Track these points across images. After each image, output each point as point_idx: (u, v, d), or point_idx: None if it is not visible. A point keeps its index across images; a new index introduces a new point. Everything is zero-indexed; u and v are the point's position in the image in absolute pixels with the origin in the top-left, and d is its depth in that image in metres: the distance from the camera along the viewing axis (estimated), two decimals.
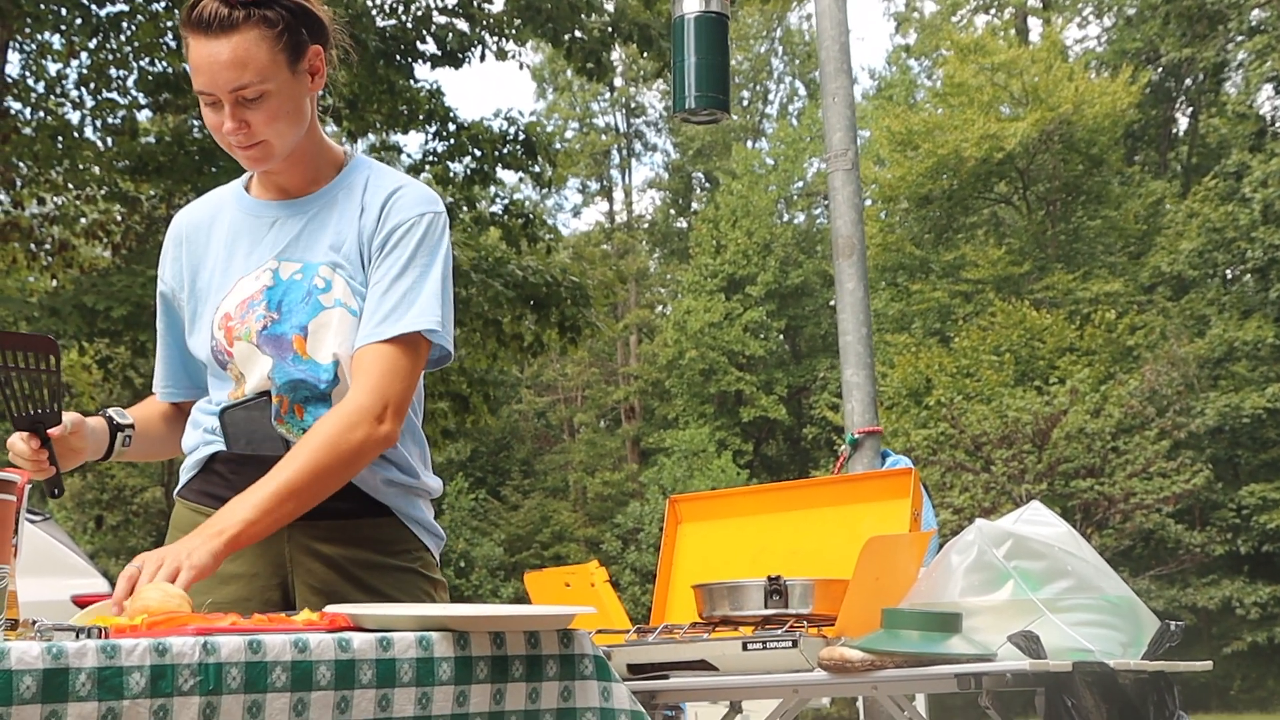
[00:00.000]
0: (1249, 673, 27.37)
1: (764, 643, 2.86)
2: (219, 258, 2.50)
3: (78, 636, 1.60)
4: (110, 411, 2.53)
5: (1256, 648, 26.60)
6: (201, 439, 2.50)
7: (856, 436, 5.91)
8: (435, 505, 2.61)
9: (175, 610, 1.83)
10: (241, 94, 2.32)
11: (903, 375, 27.62)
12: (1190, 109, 34.31)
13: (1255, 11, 28.49)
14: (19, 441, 2.29)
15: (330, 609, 1.87)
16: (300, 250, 2.45)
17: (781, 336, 39.08)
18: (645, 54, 13.61)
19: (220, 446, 2.46)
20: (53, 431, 2.30)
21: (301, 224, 2.46)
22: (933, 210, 32.40)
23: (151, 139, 13.46)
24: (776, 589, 3.04)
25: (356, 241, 2.43)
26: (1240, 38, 29.38)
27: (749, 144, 42.40)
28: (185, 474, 2.54)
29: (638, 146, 45.31)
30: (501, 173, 14.35)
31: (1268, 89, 29.73)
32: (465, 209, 14.22)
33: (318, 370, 2.39)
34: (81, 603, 6.04)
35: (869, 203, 32.68)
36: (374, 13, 13.00)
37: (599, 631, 3.22)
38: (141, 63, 12.99)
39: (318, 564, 2.42)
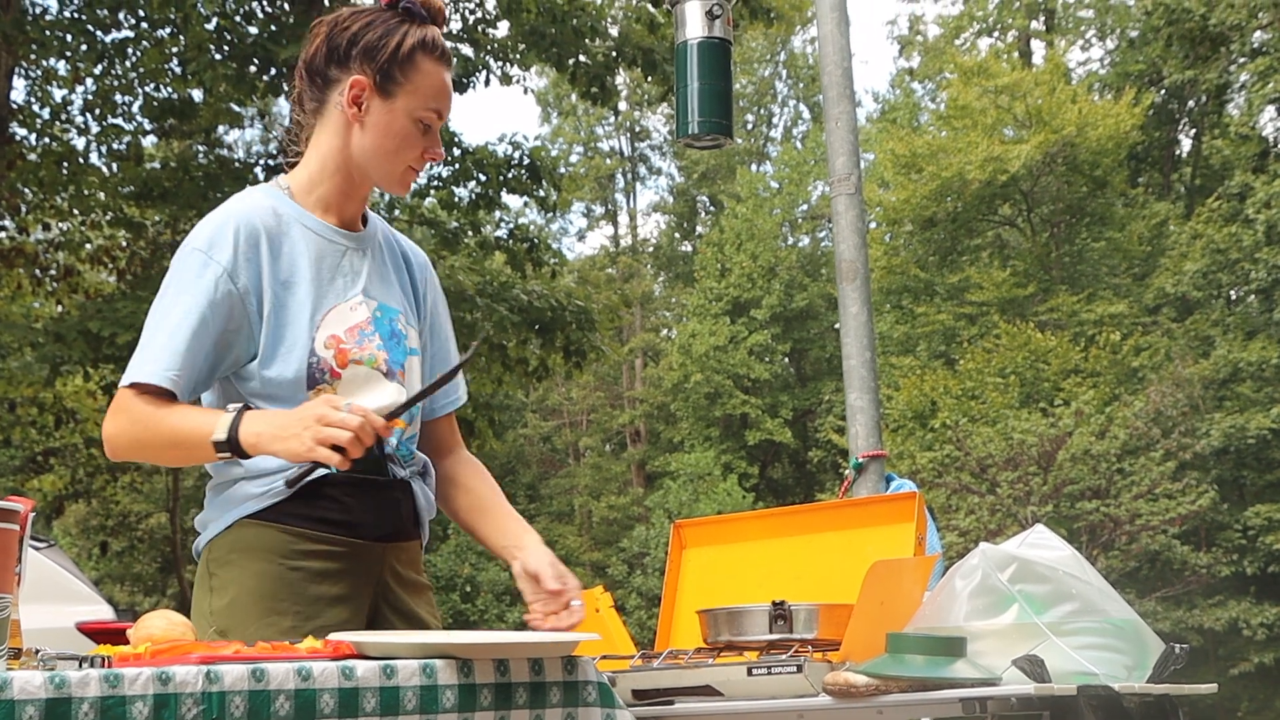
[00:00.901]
0: (1256, 694, 27.23)
1: (769, 668, 2.86)
2: (307, 276, 2.44)
3: (80, 665, 1.60)
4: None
5: (1263, 669, 26.47)
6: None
7: (861, 461, 5.91)
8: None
9: (179, 639, 1.83)
10: (444, 122, 2.53)
11: (908, 398, 27.57)
12: (1193, 131, 34.30)
13: (1257, 34, 28.50)
14: (378, 418, 2.21)
15: (333, 637, 1.87)
16: (375, 289, 2.53)
17: (786, 360, 39.04)
18: (649, 78, 13.66)
19: (327, 469, 2.28)
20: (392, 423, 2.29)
21: (366, 262, 2.54)
22: (937, 233, 32.37)
23: (156, 165, 13.52)
24: (781, 614, 3.04)
25: (411, 294, 2.63)
26: (1242, 59, 29.36)
27: (753, 167, 42.39)
28: (269, 498, 2.37)
29: (642, 170, 45.36)
30: (506, 197, 14.40)
31: (1270, 110, 29.70)
32: (470, 233, 14.24)
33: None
34: (86, 630, 6.03)
35: (873, 225, 32.64)
36: None
37: (603, 657, 3.21)
38: (146, 89, 13.04)
39: (398, 586, 2.50)
